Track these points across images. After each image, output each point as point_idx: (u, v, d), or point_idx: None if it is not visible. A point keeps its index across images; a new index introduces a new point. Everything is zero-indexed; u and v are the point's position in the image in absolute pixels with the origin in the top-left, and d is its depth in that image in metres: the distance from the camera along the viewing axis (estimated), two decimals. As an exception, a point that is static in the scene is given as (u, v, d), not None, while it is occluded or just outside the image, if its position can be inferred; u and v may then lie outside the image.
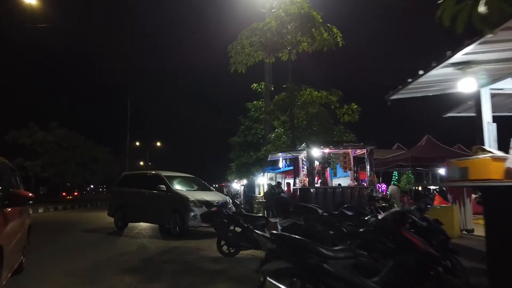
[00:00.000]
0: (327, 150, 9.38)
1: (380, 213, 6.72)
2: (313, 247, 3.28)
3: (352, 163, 9.51)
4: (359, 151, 10.09)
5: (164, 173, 11.24)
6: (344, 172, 9.78)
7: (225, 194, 22.21)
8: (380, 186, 16.52)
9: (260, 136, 22.37)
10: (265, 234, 3.45)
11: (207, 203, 10.09)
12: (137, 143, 48.27)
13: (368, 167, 9.26)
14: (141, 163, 52.77)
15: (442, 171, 17.95)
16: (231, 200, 10.97)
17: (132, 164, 41.37)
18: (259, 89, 23.78)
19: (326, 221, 6.46)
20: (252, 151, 22.32)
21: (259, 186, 17.68)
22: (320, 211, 7.31)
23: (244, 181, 25.37)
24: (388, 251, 3.84)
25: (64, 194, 47.10)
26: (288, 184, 14.53)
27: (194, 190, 11.03)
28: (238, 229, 7.36)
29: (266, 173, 15.16)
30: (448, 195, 8.32)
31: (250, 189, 24.13)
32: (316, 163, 9.87)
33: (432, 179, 20.29)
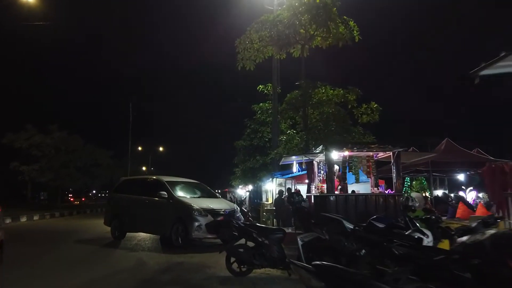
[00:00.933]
0: (347, 153, 8.36)
1: (416, 226, 5.70)
2: (373, 284, 2.31)
3: (375, 168, 8.50)
4: (381, 155, 9.08)
5: (166, 178, 10.26)
6: (368, 177, 8.75)
7: (229, 201, 21.24)
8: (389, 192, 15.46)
9: (266, 139, 21.40)
10: (308, 267, 2.47)
11: (213, 212, 9.09)
12: (140, 148, 47.49)
13: (394, 172, 8.24)
14: (144, 168, 51.85)
15: (461, 176, 16.89)
16: (238, 208, 9.97)
17: (134, 169, 40.41)
18: (265, 91, 22.91)
19: (358, 236, 5.46)
20: (259, 155, 21.37)
21: (266, 192, 16.63)
22: (345, 222, 6.29)
23: (250, 187, 24.34)
24: (460, 282, 2.83)
25: (72, 199, 46.07)
26: (298, 191, 13.49)
27: (199, 197, 10.04)
28: (248, 243, 6.34)
29: (274, 179, 14.12)
30: (492, 203, 7.29)
31: (256, 195, 23.09)
32: (336, 167, 8.86)
33: (449, 185, 19.16)
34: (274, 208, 13.32)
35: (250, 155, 22.03)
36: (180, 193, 9.79)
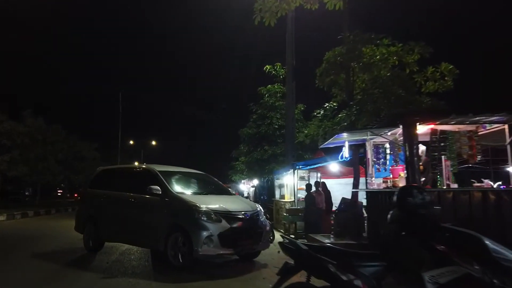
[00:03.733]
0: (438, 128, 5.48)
1: None
2: None
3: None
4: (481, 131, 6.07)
5: (159, 168, 7.30)
6: (471, 161, 5.82)
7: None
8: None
9: (276, 126, 18.51)
10: None
11: (229, 215, 6.22)
12: (131, 142, 44.28)
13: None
14: (136, 163, 48.63)
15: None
16: (262, 210, 7.07)
17: (124, 163, 37.30)
18: (273, 72, 20.01)
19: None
20: (267, 144, 18.47)
21: (282, 187, 13.73)
22: (489, 243, 3.36)
23: (255, 182, 21.45)
24: None
25: (68, 196, 42.56)
26: (323, 184, 10.61)
27: (206, 194, 7.12)
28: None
29: (296, 170, 11.23)
30: None
31: (263, 191, 20.21)
32: (422, 148, 5.95)
33: None
34: (298, 207, 10.45)
35: (256, 145, 19.13)
36: (179, 188, 6.85)
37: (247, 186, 24.70)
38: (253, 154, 18.80)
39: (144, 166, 7.40)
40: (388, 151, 6.03)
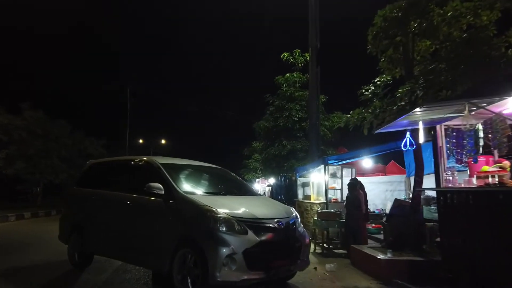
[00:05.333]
0: None
1: None
2: None
3: None
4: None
5: (162, 160, 5.56)
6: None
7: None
8: None
9: (296, 119, 16.70)
10: None
11: (257, 224, 4.48)
12: (141, 141, 42.88)
13: None
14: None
15: None
16: (298, 216, 5.29)
17: (132, 161, 35.78)
18: (291, 60, 18.21)
19: None
20: (285, 139, 16.69)
21: (306, 186, 11.93)
22: None
23: (271, 180, 19.68)
24: None
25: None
26: (357, 184, 8.74)
27: (224, 195, 5.34)
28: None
29: (327, 166, 9.43)
30: None
31: (280, 190, 18.43)
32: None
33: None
34: (331, 209, 8.64)
35: (273, 140, 17.37)
36: (188, 187, 5.11)
37: (262, 185, 22.93)
38: (270, 149, 17.04)
39: (144, 158, 5.70)
40: (481, 134, 4.25)
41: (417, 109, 4.21)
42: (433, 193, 8.30)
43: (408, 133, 5.61)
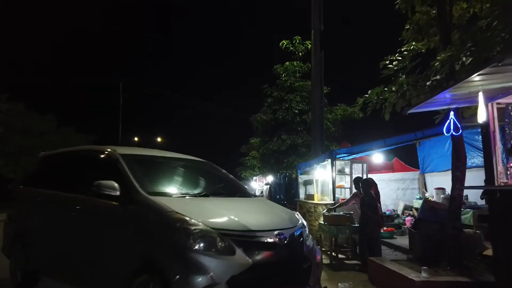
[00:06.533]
0: None
1: None
2: None
3: None
4: None
5: (124, 151, 4.17)
6: None
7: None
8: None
9: (296, 111, 15.34)
10: None
11: (250, 238, 3.11)
12: (136, 139, 41.34)
13: None
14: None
15: None
16: (306, 224, 3.94)
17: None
18: (291, 48, 16.86)
19: None
20: (285, 133, 15.34)
21: (308, 184, 10.57)
22: None
23: (270, 178, 18.31)
24: None
25: None
26: (372, 183, 7.32)
27: (205, 196, 3.91)
28: None
29: (334, 161, 8.07)
30: None
31: (279, 189, 17.08)
32: None
33: None
34: (340, 212, 7.27)
35: (272, 134, 16.01)
36: (156, 187, 3.75)
37: (259, 184, 21.57)
38: (268, 145, 15.68)
39: (101, 148, 4.33)
40: None
41: (486, 69, 2.87)
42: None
43: (452, 113, 4.25)
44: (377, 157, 10.64)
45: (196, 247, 2.89)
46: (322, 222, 7.44)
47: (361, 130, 19.96)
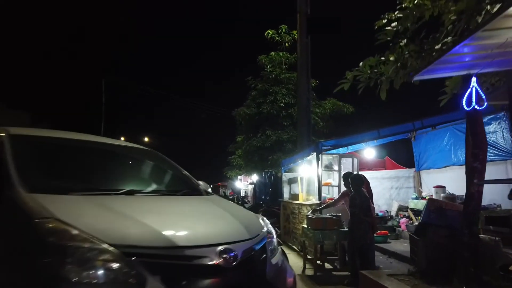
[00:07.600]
0: None
1: None
2: None
3: None
4: None
5: (17, 131, 2.95)
6: None
7: (224, 197, 14.05)
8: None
9: (282, 104, 14.23)
10: None
11: (176, 260, 1.92)
12: (122, 138, 39.75)
13: None
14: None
15: None
16: (275, 233, 2.81)
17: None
18: (276, 38, 15.77)
19: None
20: (270, 128, 14.21)
21: (295, 182, 9.42)
22: None
23: (254, 178, 17.14)
24: None
25: None
26: (364, 180, 6.15)
27: (127, 194, 2.74)
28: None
29: (320, 155, 6.95)
30: None
31: (264, 189, 15.92)
32: None
33: None
34: (327, 214, 6.13)
35: (256, 129, 14.88)
36: (52, 180, 2.56)
37: (244, 184, 20.39)
38: (252, 141, 14.54)
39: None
40: None
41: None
42: (459, 191, 5.87)
43: (474, 79, 3.13)
44: (369, 152, 9.57)
45: (75, 278, 1.71)
46: (307, 226, 6.31)
47: (352, 126, 19.01)
